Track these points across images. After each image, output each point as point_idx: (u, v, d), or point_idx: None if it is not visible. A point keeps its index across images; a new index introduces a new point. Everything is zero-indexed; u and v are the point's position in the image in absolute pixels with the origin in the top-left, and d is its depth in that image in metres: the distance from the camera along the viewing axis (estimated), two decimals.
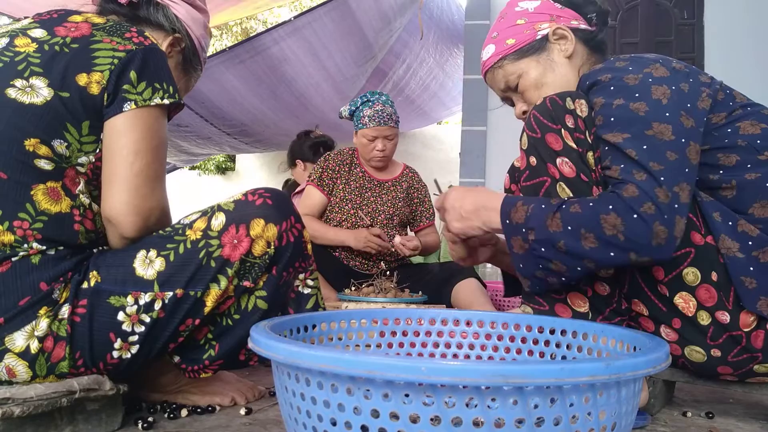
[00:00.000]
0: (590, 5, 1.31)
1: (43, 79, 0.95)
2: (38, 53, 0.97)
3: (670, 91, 1.04)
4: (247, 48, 4.61)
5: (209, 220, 1.03)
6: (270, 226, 1.03)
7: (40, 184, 0.94)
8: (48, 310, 0.94)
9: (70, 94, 0.95)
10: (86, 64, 0.96)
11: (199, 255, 0.99)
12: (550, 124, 1.10)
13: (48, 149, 0.95)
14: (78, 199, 0.98)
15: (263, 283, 1.06)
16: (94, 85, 0.96)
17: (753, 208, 1.05)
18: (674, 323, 1.08)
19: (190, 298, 0.99)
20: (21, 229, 0.93)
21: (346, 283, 2.47)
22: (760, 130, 1.08)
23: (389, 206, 2.62)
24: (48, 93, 0.95)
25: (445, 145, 8.70)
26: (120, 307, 0.97)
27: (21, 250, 0.93)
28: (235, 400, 1.20)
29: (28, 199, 0.93)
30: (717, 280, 1.03)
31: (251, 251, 1.01)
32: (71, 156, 0.97)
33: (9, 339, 0.92)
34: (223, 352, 1.09)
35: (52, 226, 0.95)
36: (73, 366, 0.97)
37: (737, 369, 1.07)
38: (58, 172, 0.96)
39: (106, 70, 0.96)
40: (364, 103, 2.59)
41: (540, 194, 1.11)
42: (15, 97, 0.94)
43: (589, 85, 1.13)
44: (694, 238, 1.04)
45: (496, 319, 1.08)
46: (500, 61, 1.30)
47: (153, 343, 1.01)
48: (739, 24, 4.11)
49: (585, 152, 1.08)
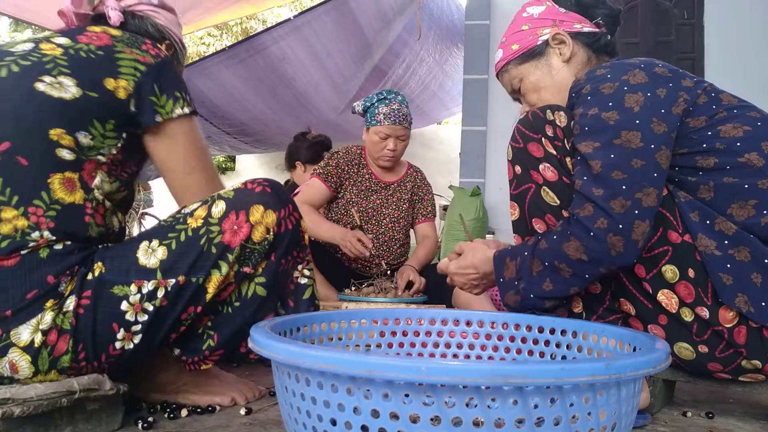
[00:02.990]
0: (598, 7, 1.34)
1: (71, 78, 1.01)
2: (65, 56, 1.03)
3: (644, 98, 1.08)
4: (247, 47, 4.61)
5: (209, 208, 1.05)
6: (269, 212, 1.06)
7: (57, 173, 0.98)
8: (54, 303, 0.94)
9: (98, 95, 1.02)
10: (112, 70, 1.03)
11: (200, 242, 1.01)
12: (531, 134, 1.18)
13: (71, 139, 0.99)
14: (92, 193, 1.02)
15: (262, 269, 1.08)
16: (121, 90, 1.03)
17: (731, 209, 1.07)
18: (660, 320, 1.11)
19: (192, 284, 1.01)
20: (35, 215, 0.95)
21: (346, 284, 2.47)
22: (742, 133, 1.09)
23: (394, 209, 2.61)
24: (76, 91, 1.01)
25: (445, 145, 8.71)
26: (123, 296, 0.98)
27: (31, 239, 0.94)
28: (235, 400, 1.20)
29: (44, 187, 0.96)
30: (694, 277, 1.06)
31: (251, 237, 1.04)
32: (93, 147, 1.02)
33: (14, 333, 0.93)
34: (222, 342, 1.10)
35: (65, 216, 0.97)
36: (75, 360, 0.97)
37: (726, 365, 1.08)
38: (77, 164, 1.00)
39: (131, 79, 1.04)
40: (380, 101, 2.56)
41: (526, 200, 1.18)
42: (44, 90, 0.99)
43: (574, 96, 1.18)
44: (671, 237, 1.08)
45: (496, 319, 1.08)
46: (506, 65, 1.37)
47: (155, 333, 1.02)
48: (739, 24, 4.11)
49: (564, 158, 1.16)
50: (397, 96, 2.58)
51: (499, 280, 1.17)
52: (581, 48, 1.32)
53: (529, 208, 1.18)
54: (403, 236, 2.64)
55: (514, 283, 1.13)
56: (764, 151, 1.08)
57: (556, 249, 1.06)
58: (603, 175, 1.04)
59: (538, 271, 1.09)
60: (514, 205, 1.22)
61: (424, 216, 2.70)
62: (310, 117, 5.33)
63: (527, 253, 1.12)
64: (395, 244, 2.60)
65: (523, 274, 1.11)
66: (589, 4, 1.34)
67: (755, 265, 1.03)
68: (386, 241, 2.57)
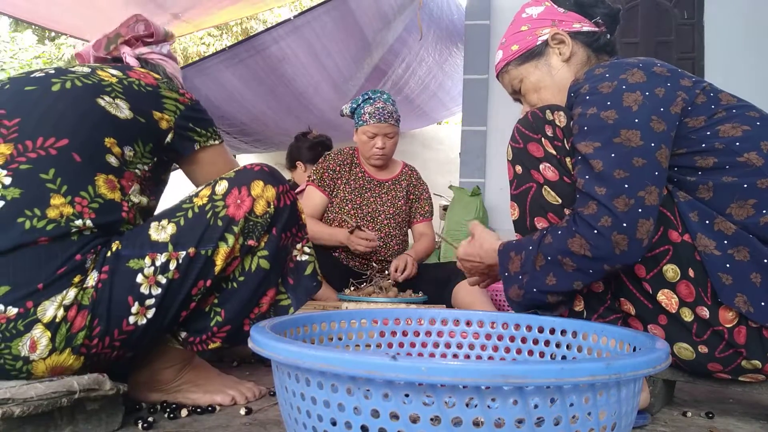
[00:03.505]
0: (597, 7, 1.34)
1: (126, 102, 1.17)
2: (120, 85, 1.18)
3: (642, 97, 1.08)
4: (247, 47, 4.61)
5: (213, 187, 1.14)
6: (269, 187, 1.14)
7: (103, 174, 1.09)
8: (80, 278, 1.01)
9: (145, 121, 1.18)
10: (158, 105, 1.21)
11: (206, 216, 1.10)
12: (531, 134, 1.19)
13: (119, 150, 1.13)
14: (128, 196, 1.13)
15: (264, 243, 1.15)
16: (164, 122, 1.21)
17: (731, 209, 1.07)
18: (660, 320, 1.11)
19: (202, 257, 1.08)
20: (80, 205, 1.05)
21: (346, 283, 2.47)
22: (741, 132, 1.09)
23: (389, 206, 2.62)
24: (129, 114, 1.16)
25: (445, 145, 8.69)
26: (138, 269, 1.04)
27: (74, 226, 1.02)
28: (236, 400, 1.21)
29: (91, 183, 1.07)
30: (694, 276, 1.06)
31: (253, 210, 1.12)
32: (133, 162, 1.16)
33: (41, 309, 0.97)
34: (230, 317, 1.14)
35: (105, 209, 1.08)
36: (89, 336, 1.01)
37: (726, 365, 1.08)
38: (120, 171, 1.13)
39: (172, 115, 1.22)
40: (365, 101, 2.60)
41: (528, 200, 1.19)
42: (104, 106, 1.13)
43: (573, 95, 1.18)
44: (672, 236, 1.08)
45: (496, 319, 1.08)
46: (506, 66, 1.37)
47: (168, 308, 1.07)
48: (739, 24, 4.11)
49: (563, 158, 1.16)
50: (383, 95, 2.60)
51: (504, 274, 1.17)
52: (581, 47, 1.32)
53: (530, 207, 1.18)
54: (399, 233, 2.65)
55: (518, 277, 1.13)
56: (763, 151, 1.08)
57: (561, 244, 1.06)
58: (605, 173, 1.04)
59: (541, 266, 1.09)
60: (515, 205, 1.22)
61: (421, 215, 2.71)
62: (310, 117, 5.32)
63: (532, 248, 1.12)
64: (392, 241, 2.61)
65: (528, 269, 1.11)
66: (588, 4, 1.34)
67: (754, 265, 1.03)
68: (383, 238, 2.58)
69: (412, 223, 2.73)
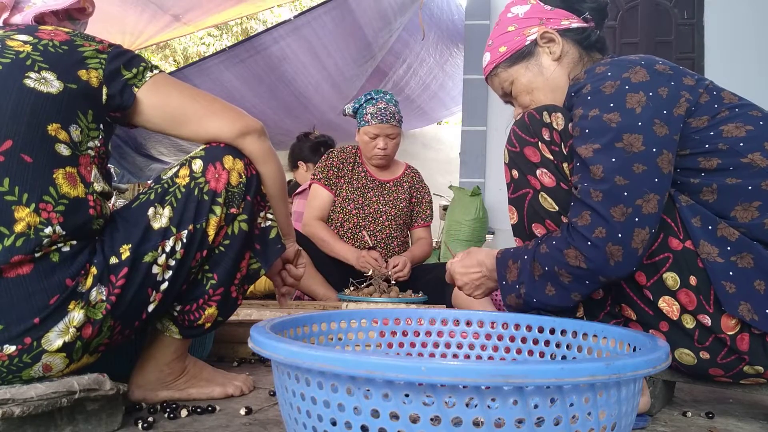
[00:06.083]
0: (585, 1, 1.29)
1: (52, 72, 1.03)
2: (36, 52, 1.04)
3: (646, 98, 1.06)
4: (247, 47, 4.61)
5: (189, 167, 1.15)
6: (237, 160, 1.18)
7: (60, 169, 1.01)
8: (76, 303, 0.98)
9: (77, 86, 1.05)
10: (81, 62, 1.07)
11: (194, 193, 1.13)
12: (527, 138, 1.17)
13: (66, 134, 1.03)
14: (92, 187, 1.07)
15: (242, 208, 1.19)
16: (93, 79, 1.07)
17: (735, 211, 1.05)
18: (662, 326, 1.10)
19: (198, 231, 1.12)
20: (45, 211, 0.98)
21: (346, 283, 2.47)
22: (745, 132, 1.07)
23: (391, 207, 2.61)
24: (59, 85, 1.03)
25: (445, 145, 8.69)
26: (153, 261, 1.07)
27: (44, 235, 0.96)
28: (242, 390, 1.27)
29: (51, 183, 0.99)
30: (696, 284, 1.04)
31: (230, 181, 1.16)
32: (83, 141, 1.06)
33: (45, 340, 0.95)
34: (222, 279, 1.17)
35: (72, 210, 1.02)
36: (109, 337, 1.03)
37: (728, 371, 1.07)
38: (74, 159, 1.04)
39: (99, 67, 1.09)
40: (367, 101, 2.59)
41: (525, 205, 1.18)
42: (33, 86, 1.01)
43: (573, 95, 1.15)
44: (672, 244, 1.06)
45: (496, 319, 1.08)
46: (495, 69, 1.33)
47: (174, 285, 1.11)
48: (739, 24, 4.11)
49: (561, 163, 1.14)
50: (385, 95, 2.60)
51: (502, 282, 1.17)
52: (572, 46, 1.28)
53: (528, 213, 1.17)
54: (400, 234, 2.65)
55: (515, 286, 1.13)
56: (767, 151, 1.06)
57: (556, 254, 1.06)
58: (604, 180, 1.02)
59: (538, 275, 1.09)
60: (513, 209, 1.21)
61: (422, 219, 2.71)
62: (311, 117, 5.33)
63: (527, 257, 1.11)
64: (393, 242, 2.60)
65: (525, 279, 1.11)
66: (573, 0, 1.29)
67: (758, 273, 1.01)
68: (384, 239, 2.58)
69: (413, 227, 2.73)
